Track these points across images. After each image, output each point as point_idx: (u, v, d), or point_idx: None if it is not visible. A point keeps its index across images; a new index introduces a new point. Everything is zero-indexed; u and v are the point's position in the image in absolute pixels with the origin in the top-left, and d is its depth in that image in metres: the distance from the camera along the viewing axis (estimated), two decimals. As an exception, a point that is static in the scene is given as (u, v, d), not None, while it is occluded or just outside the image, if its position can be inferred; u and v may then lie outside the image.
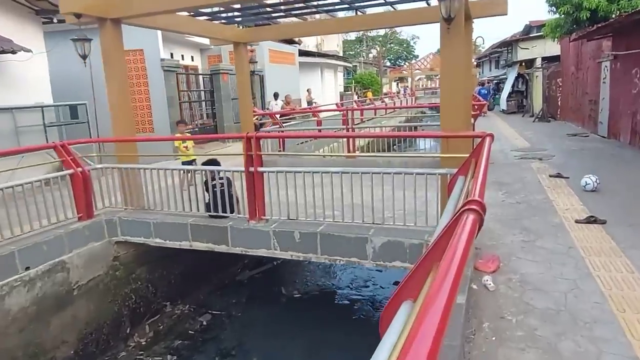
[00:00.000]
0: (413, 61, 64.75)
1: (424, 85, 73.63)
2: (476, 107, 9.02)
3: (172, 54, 15.73)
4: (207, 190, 5.45)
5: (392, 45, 74.13)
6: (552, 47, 20.34)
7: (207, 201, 5.48)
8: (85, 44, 5.76)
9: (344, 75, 43.21)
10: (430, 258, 1.41)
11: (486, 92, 25.32)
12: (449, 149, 4.33)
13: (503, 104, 24.22)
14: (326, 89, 26.32)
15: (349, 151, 9.25)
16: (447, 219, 2.57)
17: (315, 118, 11.85)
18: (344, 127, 9.18)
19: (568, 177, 7.05)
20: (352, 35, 63.87)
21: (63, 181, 5.63)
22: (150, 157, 6.70)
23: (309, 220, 4.94)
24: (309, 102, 21.53)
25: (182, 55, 16.49)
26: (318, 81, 25.18)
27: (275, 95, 14.15)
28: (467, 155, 3.99)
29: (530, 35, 24.10)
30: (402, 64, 67.89)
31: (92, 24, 5.82)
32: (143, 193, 5.93)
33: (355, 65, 52.34)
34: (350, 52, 62.11)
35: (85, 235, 5.57)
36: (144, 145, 7.28)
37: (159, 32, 11.60)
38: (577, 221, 4.87)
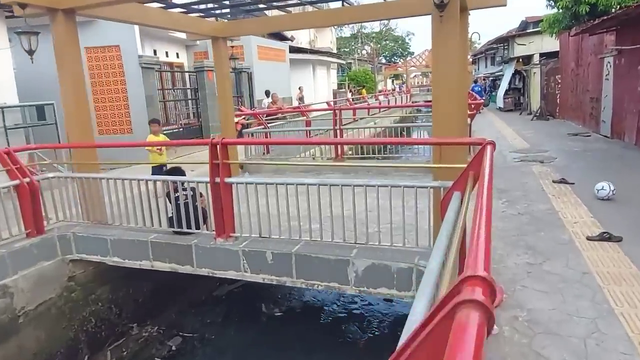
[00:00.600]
0: (408, 58, 64.11)
1: (420, 83, 73.11)
2: (473, 105, 8.41)
3: (155, 51, 15.05)
4: (170, 202, 4.82)
5: (387, 42, 73.40)
6: (549, 43, 19.78)
7: (170, 215, 4.84)
8: (32, 37, 5.08)
9: (337, 73, 42.57)
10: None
11: (480, 89, 24.76)
12: (442, 157, 3.72)
13: (500, 102, 23.66)
14: (319, 86, 25.66)
15: (336, 155, 8.63)
16: (436, 263, 1.96)
17: (304, 118, 11.25)
18: (332, 128, 8.55)
19: (573, 183, 6.46)
20: (347, 32, 63.20)
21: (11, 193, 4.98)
22: (114, 164, 6.03)
23: (283, 239, 4.32)
24: (300, 100, 20.90)
25: (167, 52, 15.80)
26: (310, 79, 24.51)
27: (267, 93, 13.50)
28: (464, 165, 3.39)
29: (527, 31, 23.55)
30: (398, 61, 67.22)
31: (42, 15, 5.16)
32: (103, 205, 5.28)
33: (350, 63, 51.68)
34: (346, 49, 61.43)
35: (33, 253, 4.92)
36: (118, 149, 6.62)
37: (136, 27, 10.92)
38: (589, 238, 4.27)
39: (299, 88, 20.97)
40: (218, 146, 4.30)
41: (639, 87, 9.11)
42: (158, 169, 6.77)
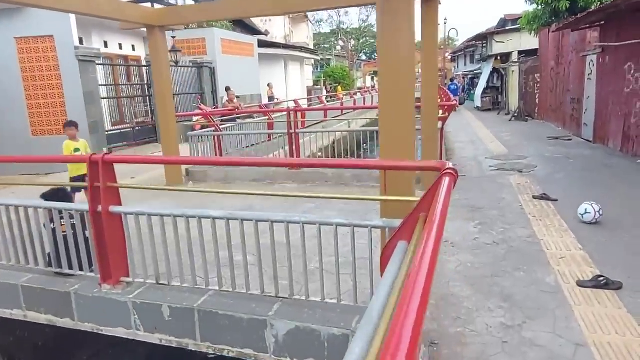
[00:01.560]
0: (388, 55, 63.22)
1: (400, 80, 72.51)
2: (445, 108, 7.47)
3: (105, 43, 13.76)
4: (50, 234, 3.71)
5: (367, 38, 72.43)
6: (528, 41, 19.13)
7: (48, 251, 3.74)
8: None
9: (315, 69, 41.46)
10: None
11: (456, 87, 24.05)
12: (388, 186, 2.71)
13: (478, 101, 22.97)
14: (291, 83, 24.54)
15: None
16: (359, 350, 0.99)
17: (267, 118, 10.18)
18: (286, 132, 7.50)
19: (556, 200, 5.57)
20: (327, 28, 62.20)
21: None
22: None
23: (186, 287, 3.27)
24: (271, 98, 19.76)
25: (120, 44, 14.50)
26: (282, 75, 23.38)
27: (227, 89, 12.32)
28: (416, 199, 2.42)
29: (506, 28, 22.91)
30: (378, 57, 66.28)
31: None
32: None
33: (329, 59, 50.61)
34: (325, 46, 60.37)
35: None
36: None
37: (73, 16, 9.65)
38: (580, 284, 3.34)
39: (269, 85, 19.83)
40: (100, 164, 3.22)
41: (625, 89, 8.33)
42: (78, 180, 5.58)
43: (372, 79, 70.61)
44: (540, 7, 16.68)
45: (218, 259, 3.09)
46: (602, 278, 3.32)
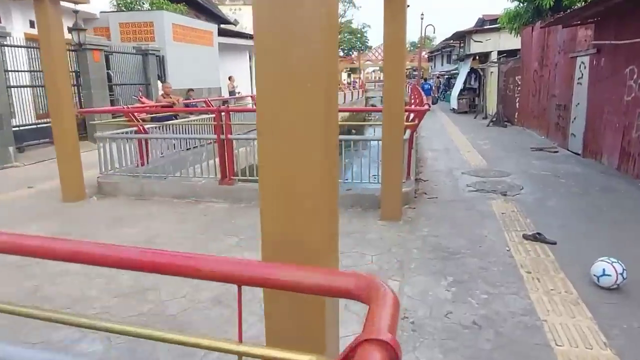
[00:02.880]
0: (366, 52, 62.43)
1: (377, 78, 71.63)
2: (415, 113, 6.00)
3: (31, 22, 11.79)
4: None
5: (345, 34, 70.95)
6: (507, 41, 18.07)
7: None
8: None
9: (288, 63, 39.68)
10: None
11: (429, 87, 22.92)
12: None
13: (454, 102, 21.83)
14: (258, 77, 22.79)
15: (223, 176, 6.02)
16: None
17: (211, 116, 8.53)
18: (214, 139, 5.90)
19: (554, 243, 4.20)
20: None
21: None
22: None
23: None
24: (232, 92, 18.05)
25: (51, 25, 12.54)
26: (246, 68, 21.65)
27: (162, 81, 10.60)
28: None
29: (485, 27, 21.84)
30: (356, 54, 65.15)
31: None
32: None
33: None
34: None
35: None
36: None
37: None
38: None
39: (229, 78, 18.11)
40: None
41: (625, 96, 7.08)
42: None
43: (349, 75, 69.52)
44: (522, 4, 15.57)
45: None
46: None
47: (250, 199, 5.87)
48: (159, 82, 12.10)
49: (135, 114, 7.32)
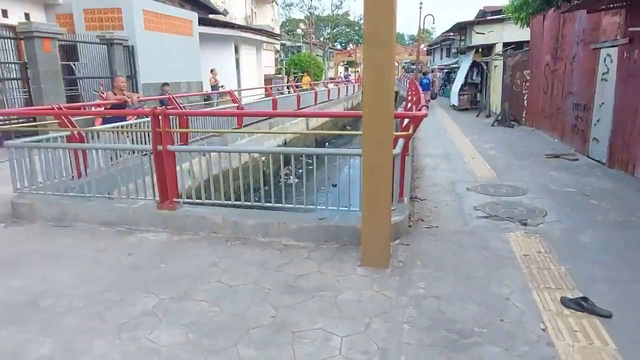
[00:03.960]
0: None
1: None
2: (410, 119, 4.63)
3: (4, 11, 10.51)
4: None
5: (342, 27, 69.15)
6: (512, 32, 16.71)
7: None
8: None
9: (280, 56, 38.21)
10: None
11: (428, 82, 21.53)
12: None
13: (454, 98, 20.45)
14: (245, 70, 21.38)
15: (163, 198, 4.66)
16: None
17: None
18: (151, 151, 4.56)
19: (609, 316, 2.87)
20: (299, 14, 58.86)
21: None
22: None
23: None
24: (214, 87, 16.64)
25: (4, 11, 11.15)
26: (232, 60, 20.19)
27: (116, 74, 9.18)
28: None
29: (488, 18, 20.43)
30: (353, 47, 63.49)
31: None
32: None
33: (300, 46, 47.34)
34: (298, 31, 57.10)
35: None
36: None
37: None
38: None
39: (212, 71, 16.71)
40: None
41: (670, 96, 5.74)
42: None
43: (347, 69, 67.83)
44: (530, -9, 14.19)
45: None
46: None
47: (198, 228, 4.54)
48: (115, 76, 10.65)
49: (69, 116, 5.94)
